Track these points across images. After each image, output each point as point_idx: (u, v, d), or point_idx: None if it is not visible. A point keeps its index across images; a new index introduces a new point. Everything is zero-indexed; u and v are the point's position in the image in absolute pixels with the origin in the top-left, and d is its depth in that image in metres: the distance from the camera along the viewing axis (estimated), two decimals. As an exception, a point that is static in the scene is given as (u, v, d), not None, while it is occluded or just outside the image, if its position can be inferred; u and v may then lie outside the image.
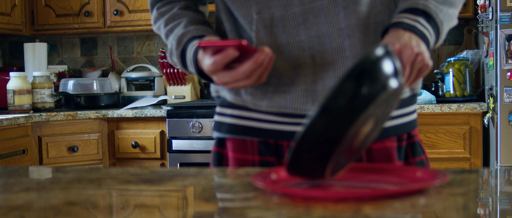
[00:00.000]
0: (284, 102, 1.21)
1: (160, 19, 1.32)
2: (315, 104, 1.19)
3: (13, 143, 2.95)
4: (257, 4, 1.20)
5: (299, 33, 1.19)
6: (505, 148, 2.84)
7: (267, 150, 1.25)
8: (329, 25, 1.18)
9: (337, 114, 0.77)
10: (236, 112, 1.28)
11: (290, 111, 1.22)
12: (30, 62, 3.68)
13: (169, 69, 3.47)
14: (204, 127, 3.12)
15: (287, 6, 1.19)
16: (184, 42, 1.23)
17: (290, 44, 1.20)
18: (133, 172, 1.12)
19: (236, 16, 1.24)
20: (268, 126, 1.25)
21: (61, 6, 3.64)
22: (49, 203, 0.88)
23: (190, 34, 1.24)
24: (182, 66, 1.26)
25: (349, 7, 1.18)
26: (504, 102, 2.83)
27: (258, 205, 0.82)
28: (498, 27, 2.82)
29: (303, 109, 1.21)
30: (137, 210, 0.87)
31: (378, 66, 0.79)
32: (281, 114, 1.24)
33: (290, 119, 1.23)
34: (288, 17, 1.19)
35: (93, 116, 3.24)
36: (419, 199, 0.83)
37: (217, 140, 1.32)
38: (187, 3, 1.32)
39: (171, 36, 1.27)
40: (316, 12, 1.18)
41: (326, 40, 1.19)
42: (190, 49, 1.22)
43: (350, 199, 0.81)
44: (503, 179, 1.07)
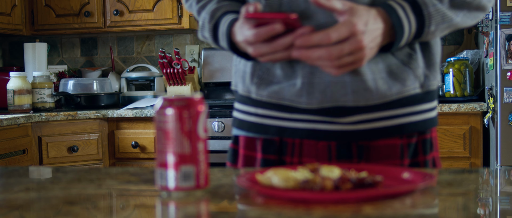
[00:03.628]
0: (283, 94, 1.19)
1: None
2: (310, 98, 1.17)
3: (13, 143, 2.95)
4: None
5: (303, 20, 1.15)
6: (505, 148, 2.84)
7: (271, 147, 1.24)
8: (328, 15, 1.13)
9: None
10: (245, 108, 1.27)
11: (287, 103, 1.20)
12: (30, 62, 3.68)
13: (169, 69, 3.47)
14: (204, 127, 3.12)
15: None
16: (218, 16, 1.21)
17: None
18: (133, 172, 1.12)
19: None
20: (270, 122, 1.23)
21: (61, 6, 3.64)
22: (49, 203, 0.88)
23: (223, 8, 1.21)
24: (213, 40, 1.23)
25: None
26: (504, 102, 2.83)
27: (258, 205, 0.82)
28: (498, 27, 2.82)
29: (299, 101, 1.18)
30: (137, 210, 0.87)
31: None
32: (280, 108, 1.22)
33: (289, 114, 1.21)
34: (294, 2, 1.16)
35: (93, 116, 3.24)
36: (419, 199, 0.83)
37: (233, 137, 1.32)
38: None
39: (204, 11, 1.24)
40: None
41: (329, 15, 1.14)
42: (223, 23, 1.19)
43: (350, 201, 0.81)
44: (503, 179, 1.07)
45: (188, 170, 0.87)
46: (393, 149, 1.20)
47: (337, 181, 0.83)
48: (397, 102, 1.19)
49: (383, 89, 1.16)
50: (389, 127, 1.19)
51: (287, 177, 0.85)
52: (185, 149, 0.87)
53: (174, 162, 0.87)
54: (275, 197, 0.83)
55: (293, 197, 0.82)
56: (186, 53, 3.83)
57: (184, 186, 0.87)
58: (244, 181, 0.88)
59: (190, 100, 0.88)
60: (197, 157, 0.87)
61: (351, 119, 1.18)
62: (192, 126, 0.87)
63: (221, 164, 1.38)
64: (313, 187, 0.83)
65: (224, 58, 3.60)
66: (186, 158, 0.87)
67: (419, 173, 0.93)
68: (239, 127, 1.29)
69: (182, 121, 0.87)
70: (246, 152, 1.27)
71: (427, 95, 1.22)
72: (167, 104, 0.87)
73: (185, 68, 3.50)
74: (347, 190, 0.83)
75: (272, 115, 1.23)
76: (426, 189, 0.88)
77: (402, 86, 1.17)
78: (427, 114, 1.23)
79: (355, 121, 1.18)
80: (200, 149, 0.88)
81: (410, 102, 1.20)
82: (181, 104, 0.87)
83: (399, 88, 1.17)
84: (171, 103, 0.87)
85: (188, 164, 0.87)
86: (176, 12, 3.52)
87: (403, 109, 1.20)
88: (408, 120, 1.20)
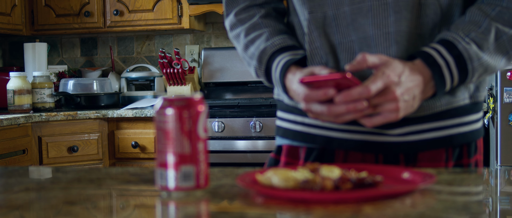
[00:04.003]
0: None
1: (239, 27, 1.28)
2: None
3: (13, 143, 2.95)
4: (310, 2, 1.17)
5: (350, 33, 1.15)
6: (505, 148, 2.84)
7: (314, 155, 1.22)
8: (376, 27, 1.13)
9: None
10: (290, 117, 1.26)
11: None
12: (30, 62, 3.68)
13: (169, 69, 3.47)
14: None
15: (338, 5, 1.15)
16: (266, 60, 1.21)
17: (342, 45, 1.16)
18: (133, 172, 1.12)
19: (298, 15, 1.22)
20: (318, 132, 1.22)
21: (61, 6, 3.64)
22: (49, 203, 0.88)
23: (270, 50, 1.20)
24: (268, 82, 1.24)
25: (400, 12, 1.12)
26: (504, 102, 2.83)
27: (258, 205, 0.82)
28: (498, 27, 2.82)
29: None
30: (137, 210, 0.87)
31: None
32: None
33: (337, 124, 1.19)
34: (339, 16, 1.15)
35: (93, 116, 3.24)
36: (419, 199, 0.83)
37: (276, 147, 1.30)
38: (267, 10, 1.28)
39: (252, 47, 1.23)
40: (365, 12, 1.13)
41: (371, 43, 1.14)
42: (275, 69, 1.19)
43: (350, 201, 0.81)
44: (503, 179, 1.07)
45: (188, 170, 0.87)
46: (439, 154, 1.19)
47: (337, 181, 0.83)
48: (446, 113, 1.18)
49: (431, 101, 1.15)
50: (437, 138, 1.18)
51: (287, 177, 0.85)
52: (185, 149, 0.87)
53: (174, 162, 0.87)
54: (275, 197, 0.83)
55: (293, 197, 0.82)
56: (186, 53, 3.83)
57: (184, 186, 0.87)
58: (244, 181, 0.88)
59: (190, 100, 0.88)
60: (197, 157, 0.88)
61: (400, 130, 1.17)
62: (192, 126, 0.87)
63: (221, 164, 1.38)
64: (313, 187, 0.83)
65: (224, 58, 3.60)
66: (186, 158, 0.87)
67: (419, 173, 0.93)
68: (284, 136, 1.28)
69: (182, 121, 0.87)
70: (288, 160, 1.26)
71: (475, 107, 1.21)
72: (167, 104, 0.87)
73: (185, 68, 3.50)
74: (347, 190, 0.83)
75: (319, 125, 1.21)
76: (426, 189, 0.88)
77: (451, 97, 1.17)
78: (474, 125, 1.22)
79: (403, 133, 1.17)
80: (200, 149, 0.88)
81: (458, 114, 1.19)
82: (181, 104, 0.87)
83: (448, 99, 1.17)
84: (171, 103, 0.87)
85: (188, 164, 0.87)
86: (176, 12, 3.52)
87: (451, 120, 1.19)
88: (456, 131, 1.19)
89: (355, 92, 1.02)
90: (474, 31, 1.10)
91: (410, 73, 1.06)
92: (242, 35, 1.26)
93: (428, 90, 1.09)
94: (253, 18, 1.26)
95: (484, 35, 1.10)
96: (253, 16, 1.26)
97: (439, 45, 1.09)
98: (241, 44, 1.27)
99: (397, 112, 1.05)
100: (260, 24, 1.25)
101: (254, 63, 1.23)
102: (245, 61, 1.27)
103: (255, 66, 1.23)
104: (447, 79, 1.09)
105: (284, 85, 1.17)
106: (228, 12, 1.31)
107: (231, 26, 1.30)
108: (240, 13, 1.28)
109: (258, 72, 1.24)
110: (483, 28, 1.10)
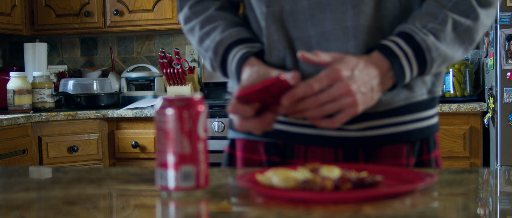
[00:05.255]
0: None
1: (194, 19, 1.26)
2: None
3: (13, 143, 2.95)
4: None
5: (307, 28, 1.15)
6: (505, 148, 2.84)
7: (274, 149, 1.23)
8: (334, 22, 1.13)
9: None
10: None
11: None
12: (30, 62, 3.68)
13: (169, 69, 3.47)
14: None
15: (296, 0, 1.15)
16: (222, 52, 1.20)
17: (300, 39, 1.16)
18: (133, 172, 1.12)
19: (254, 8, 1.21)
20: (277, 127, 1.21)
21: (61, 6, 3.64)
22: (49, 203, 0.88)
23: (226, 41, 1.19)
24: (223, 75, 1.24)
25: (358, 6, 1.12)
26: (504, 102, 2.83)
27: (258, 205, 0.82)
28: (498, 27, 2.82)
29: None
30: (137, 210, 0.87)
31: None
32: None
33: (297, 119, 1.19)
34: (297, 10, 1.15)
35: (93, 116, 3.24)
36: (419, 199, 0.83)
37: (229, 141, 1.30)
38: (222, 3, 1.27)
39: (208, 40, 1.22)
40: (323, 7, 1.14)
41: (330, 37, 1.14)
42: (231, 61, 1.18)
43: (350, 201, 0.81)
44: (503, 179, 1.07)
45: (188, 170, 0.87)
46: (399, 150, 1.20)
47: (337, 181, 0.83)
48: (404, 109, 1.18)
49: (390, 96, 1.15)
50: (396, 133, 1.19)
51: (287, 177, 0.85)
52: (185, 149, 0.87)
53: (174, 162, 0.87)
54: (275, 197, 0.83)
55: (293, 197, 0.82)
56: (186, 53, 3.83)
57: (184, 186, 0.87)
58: (244, 181, 0.88)
59: (190, 100, 0.88)
60: (197, 157, 0.87)
61: (358, 125, 1.17)
62: (192, 126, 0.87)
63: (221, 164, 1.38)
64: (313, 187, 0.83)
65: (224, 58, 3.60)
66: (186, 158, 0.87)
67: (419, 173, 0.93)
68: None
69: (182, 121, 0.87)
70: (246, 155, 1.25)
71: (433, 102, 1.23)
72: (167, 104, 0.87)
73: (185, 68, 3.50)
74: (347, 190, 0.83)
75: (279, 120, 1.21)
76: (426, 189, 0.88)
77: (410, 92, 1.17)
78: (432, 120, 1.23)
79: (362, 128, 1.17)
80: (200, 149, 0.88)
81: (417, 109, 1.20)
82: (181, 104, 0.87)
83: (407, 94, 1.17)
84: (171, 103, 0.87)
85: (188, 164, 0.87)
86: (176, 12, 3.51)
87: (410, 115, 1.19)
88: (414, 126, 1.20)
89: (299, 91, 1.01)
90: (431, 22, 1.10)
91: (365, 66, 1.05)
92: (197, 28, 1.25)
93: (387, 81, 1.08)
94: (208, 11, 1.25)
95: (441, 26, 1.10)
96: (208, 9, 1.25)
97: (397, 37, 1.10)
98: (196, 37, 1.25)
99: (356, 106, 1.03)
100: (216, 16, 1.23)
101: (209, 55, 1.22)
102: (201, 55, 1.26)
103: (211, 58, 1.22)
104: (406, 69, 1.08)
105: (240, 78, 1.17)
106: (182, 5, 1.29)
107: (186, 19, 1.28)
108: (194, 6, 1.26)
109: (213, 64, 1.22)
110: (440, 19, 1.11)
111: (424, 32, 1.09)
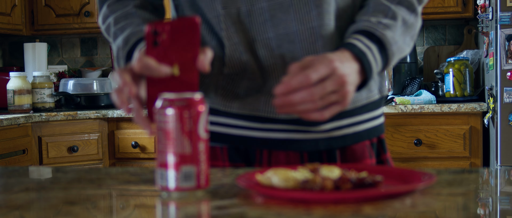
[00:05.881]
0: (258, 105, 1.14)
1: (110, 16, 1.20)
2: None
3: (13, 143, 2.95)
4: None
5: (267, 30, 1.12)
6: (505, 148, 2.84)
7: (238, 155, 1.19)
8: (299, 22, 1.11)
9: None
10: (209, 118, 1.20)
11: (262, 114, 1.14)
12: (30, 62, 3.68)
13: (169, 69, 3.47)
14: (204, 127, 3.12)
15: (253, 1, 1.11)
16: (133, 42, 1.13)
17: (259, 42, 1.13)
18: (133, 172, 1.12)
19: (203, 11, 1.16)
20: (238, 132, 1.18)
21: (61, 6, 3.64)
22: (49, 203, 0.89)
23: (140, 34, 1.13)
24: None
25: (321, 6, 1.11)
26: (504, 102, 2.83)
27: (258, 205, 0.82)
28: (498, 27, 2.82)
29: (268, 111, 1.14)
30: (137, 210, 0.87)
31: None
32: (252, 118, 1.16)
33: (261, 124, 1.16)
34: (255, 12, 1.12)
35: (93, 116, 3.24)
36: (419, 199, 0.83)
37: None
38: (142, 2, 1.22)
39: (121, 36, 1.15)
40: (285, 7, 1.11)
41: (296, 38, 1.12)
42: (138, 51, 1.10)
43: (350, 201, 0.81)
44: (503, 179, 1.07)
45: (189, 170, 0.87)
46: (363, 150, 1.21)
47: (337, 181, 0.83)
48: (364, 108, 1.21)
49: (356, 94, 1.16)
50: (358, 132, 1.20)
51: (287, 177, 0.85)
52: (185, 149, 0.87)
53: (175, 162, 0.87)
54: (275, 197, 0.83)
55: (293, 197, 0.82)
56: (186, 53, 3.83)
57: (184, 186, 0.87)
58: (244, 181, 0.88)
59: (190, 100, 0.88)
60: (197, 157, 0.87)
61: (324, 126, 1.16)
62: (192, 126, 0.87)
63: (221, 164, 1.38)
64: (313, 187, 0.83)
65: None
66: (186, 158, 0.87)
67: (419, 173, 0.93)
68: None
69: (182, 121, 0.87)
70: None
71: (381, 101, 1.26)
72: (168, 104, 0.87)
73: (185, 68, 3.50)
74: (347, 190, 0.83)
75: (240, 125, 1.18)
76: (426, 189, 0.88)
77: (369, 91, 1.20)
78: (382, 118, 1.27)
79: (328, 129, 1.17)
80: (201, 149, 0.88)
81: (373, 107, 1.23)
82: (181, 104, 0.87)
83: (367, 93, 1.20)
84: (172, 103, 0.87)
85: (188, 164, 0.87)
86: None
87: (368, 113, 1.22)
88: (371, 124, 1.23)
89: (295, 81, 0.96)
90: (383, 18, 1.11)
91: (347, 59, 1.02)
92: (112, 24, 1.19)
93: (360, 77, 1.06)
94: (126, 8, 1.20)
95: (393, 21, 1.11)
96: (126, 6, 1.20)
97: (358, 35, 1.08)
98: (111, 33, 1.19)
99: (347, 99, 1.00)
100: (133, 13, 1.18)
101: (118, 43, 1.15)
102: (114, 51, 1.18)
103: (120, 45, 1.14)
104: (373, 65, 1.07)
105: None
106: (101, 6, 1.24)
107: (103, 18, 1.22)
108: (112, 5, 1.22)
109: (119, 54, 1.15)
110: (390, 15, 1.12)
111: (381, 27, 1.09)
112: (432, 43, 3.67)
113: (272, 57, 1.13)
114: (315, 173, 0.88)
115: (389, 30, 1.10)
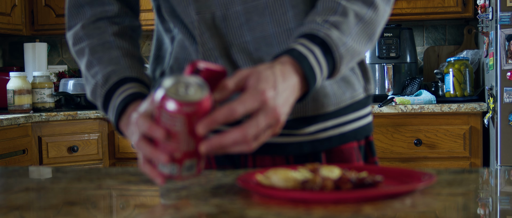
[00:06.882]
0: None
1: (85, 40, 1.17)
2: None
3: (13, 143, 2.95)
4: (196, 2, 1.09)
5: (243, 34, 1.10)
6: (505, 148, 2.84)
7: (226, 158, 1.18)
8: (276, 24, 1.09)
9: None
10: None
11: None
12: (30, 62, 3.68)
13: (169, 69, 3.47)
14: (204, 127, 3.12)
15: (228, 5, 1.09)
16: (113, 82, 1.10)
17: (236, 46, 1.10)
18: (133, 172, 1.12)
19: (181, 17, 1.13)
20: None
21: (61, 6, 3.64)
22: (49, 203, 0.89)
23: (120, 74, 1.10)
24: (102, 108, 1.12)
25: (298, 6, 1.08)
26: (504, 102, 2.83)
27: (258, 205, 0.82)
28: (498, 27, 2.82)
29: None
30: (137, 210, 0.87)
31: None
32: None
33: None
34: (230, 16, 1.09)
35: (93, 116, 3.24)
36: (419, 199, 0.83)
37: None
38: (121, 29, 1.19)
39: (99, 71, 1.12)
40: (261, 10, 1.08)
41: (273, 41, 1.09)
42: (119, 95, 1.08)
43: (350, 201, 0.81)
44: (503, 179, 1.07)
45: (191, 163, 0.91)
46: (350, 153, 1.19)
47: (337, 181, 0.84)
48: (349, 108, 1.19)
49: (338, 94, 1.15)
50: (344, 133, 1.19)
51: (287, 177, 0.85)
52: (190, 147, 0.89)
53: (180, 157, 0.89)
54: (275, 197, 0.83)
55: (293, 197, 0.82)
56: (186, 53, 3.83)
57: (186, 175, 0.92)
58: (244, 181, 0.88)
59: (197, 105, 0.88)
60: (198, 151, 0.90)
61: (309, 129, 1.15)
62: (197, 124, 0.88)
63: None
64: (313, 187, 0.83)
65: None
66: (190, 153, 0.89)
67: (419, 173, 0.93)
68: None
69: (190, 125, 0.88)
70: None
71: (368, 100, 1.23)
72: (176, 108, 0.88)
73: (185, 68, 3.50)
74: (347, 190, 0.83)
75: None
76: (426, 189, 0.88)
77: (352, 91, 1.18)
78: (369, 118, 1.24)
79: (312, 131, 1.16)
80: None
81: (358, 107, 1.20)
82: (189, 110, 0.87)
83: (351, 92, 1.18)
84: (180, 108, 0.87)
85: (191, 158, 0.90)
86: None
87: (353, 113, 1.20)
88: (357, 124, 1.21)
89: (219, 116, 0.86)
90: (331, 16, 1.02)
91: (283, 77, 0.92)
92: (87, 51, 1.15)
93: (302, 89, 0.97)
94: (104, 34, 1.16)
95: (342, 18, 1.02)
96: (104, 32, 1.16)
97: (300, 38, 1.00)
98: (85, 60, 1.15)
99: (278, 127, 0.90)
100: (111, 43, 1.15)
101: (97, 79, 1.12)
102: (84, 78, 1.16)
103: (98, 83, 1.12)
104: (316, 69, 0.97)
105: (121, 114, 1.07)
106: (72, 23, 1.19)
107: (76, 39, 1.18)
108: (88, 27, 1.17)
109: (97, 91, 1.12)
110: (339, 12, 1.03)
111: (326, 27, 1.00)
112: (432, 43, 3.67)
113: (251, 61, 1.10)
114: (315, 173, 0.88)
115: (335, 29, 1.01)
